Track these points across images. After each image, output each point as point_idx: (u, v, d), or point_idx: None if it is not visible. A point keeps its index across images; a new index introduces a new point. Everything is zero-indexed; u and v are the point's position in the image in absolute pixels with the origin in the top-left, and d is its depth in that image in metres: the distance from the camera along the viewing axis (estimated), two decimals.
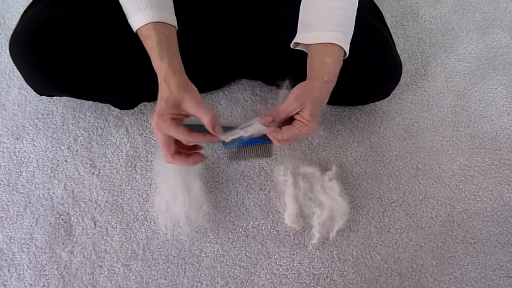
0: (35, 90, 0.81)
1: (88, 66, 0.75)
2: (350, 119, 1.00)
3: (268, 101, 0.99)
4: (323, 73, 0.66)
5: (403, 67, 0.88)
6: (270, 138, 0.69)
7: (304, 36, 0.71)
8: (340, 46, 0.66)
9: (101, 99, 0.90)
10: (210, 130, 0.63)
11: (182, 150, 0.68)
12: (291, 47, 0.74)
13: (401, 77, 0.88)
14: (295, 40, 0.72)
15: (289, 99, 0.65)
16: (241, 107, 0.98)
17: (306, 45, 0.71)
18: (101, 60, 0.76)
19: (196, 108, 0.62)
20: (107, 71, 0.78)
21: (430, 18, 1.16)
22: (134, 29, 0.66)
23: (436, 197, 0.93)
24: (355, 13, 0.71)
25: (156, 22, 0.64)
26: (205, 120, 0.62)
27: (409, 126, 1.00)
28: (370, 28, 0.82)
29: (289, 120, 0.67)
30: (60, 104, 0.97)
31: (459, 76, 1.07)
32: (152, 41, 0.63)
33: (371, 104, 1.01)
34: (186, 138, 0.63)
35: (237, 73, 0.97)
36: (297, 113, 0.65)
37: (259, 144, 0.95)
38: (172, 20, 0.67)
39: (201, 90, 0.96)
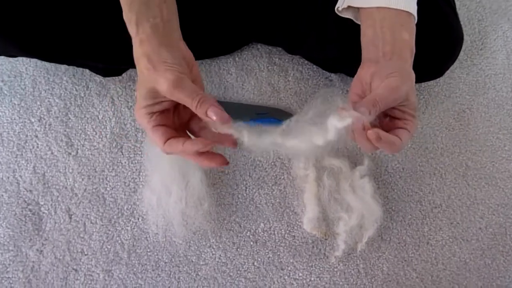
0: None
1: (56, 21, 0.59)
2: None
3: (289, 73, 0.81)
4: (406, 53, 0.51)
5: None
6: (360, 143, 0.50)
7: None
8: (414, 16, 0.52)
9: (77, 63, 0.73)
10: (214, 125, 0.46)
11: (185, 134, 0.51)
12: (337, 11, 0.56)
13: None
14: (348, 2, 0.54)
15: (391, 84, 0.48)
16: (255, 79, 0.82)
17: (362, 12, 0.54)
18: (72, 12, 0.59)
19: (177, 90, 0.44)
20: (82, 27, 0.61)
21: None
22: None
23: (487, 203, 0.80)
24: None
25: None
26: (193, 107, 0.45)
27: (459, 113, 0.84)
28: None
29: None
30: (31, 64, 0.80)
31: None
32: None
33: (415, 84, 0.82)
34: (162, 148, 0.46)
35: (252, 34, 0.80)
36: (394, 108, 0.50)
37: (273, 125, 0.78)
38: None
39: (205, 55, 0.80)
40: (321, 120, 0.46)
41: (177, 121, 0.49)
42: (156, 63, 0.44)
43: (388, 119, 0.52)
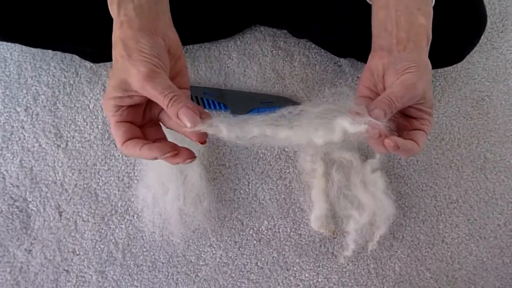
0: None
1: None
2: None
3: (295, 58, 0.75)
4: (422, 40, 0.47)
5: None
6: (374, 147, 0.46)
7: None
8: None
9: (63, 48, 0.67)
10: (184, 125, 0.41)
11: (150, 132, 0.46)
12: None
13: None
14: None
15: (407, 81, 0.44)
16: (258, 64, 0.77)
17: None
18: None
19: (149, 86, 0.39)
20: (64, 6, 0.56)
21: None
22: None
23: (506, 198, 0.76)
24: None
25: None
26: (164, 106, 0.40)
27: (478, 101, 0.79)
28: None
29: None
30: (16, 49, 0.75)
31: None
32: None
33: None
34: (119, 149, 0.42)
35: (255, 15, 0.74)
36: (411, 106, 0.46)
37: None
38: None
39: (203, 38, 0.74)
40: (328, 117, 0.41)
41: (148, 115, 0.45)
42: (132, 51, 0.39)
43: (403, 119, 0.47)
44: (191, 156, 0.42)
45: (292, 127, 0.41)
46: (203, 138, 0.42)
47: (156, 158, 0.40)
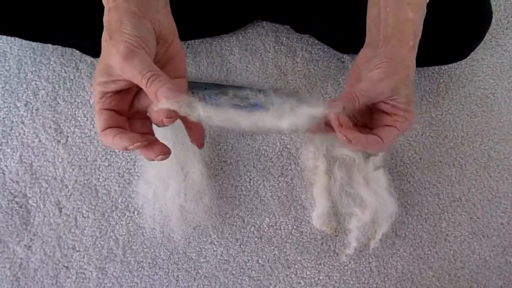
0: None
1: None
2: None
3: (297, 54, 0.74)
4: (408, 35, 0.46)
5: None
6: (341, 140, 0.46)
7: None
8: None
9: (61, 42, 0.65)
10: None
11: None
12: None
13: None
14: None
15: (374, 77, 0.45)
16: (260, 60, 0.75)
17: None
18: None
19: (127, 65, 0.37)
20: (62, 1, 0.54)
21: None
22: None
23: (510, 196, 0.75)
24: None
25: None
26: (142, 85, 0.38)
27: (482, 99, 0.77)
28: None
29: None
30: (16, 43, 0.73)
31: None
32: None
33: (435, 66, 0.76)
34: (103, 140, 0.40)
35: (257, 11, 0.73)
36: (383, 102, 0.46)
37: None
38: None
39: (205, 33, 0.73)
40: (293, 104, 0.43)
41: (137, 106, 0.43)
42: (114, 32, 0.38)
43: (378, 115, 0.48)
44: (165, 151, 0.40)
45: (260, 113, 0.42)
46: (171, 115, 0.38)
47: (126, 148, 0.38)
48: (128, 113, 0.43)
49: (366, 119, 0.51)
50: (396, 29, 0.46)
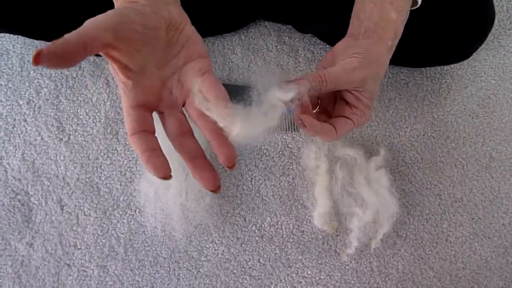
0: None
1: None
2: (408, 85, 0.76)
3: (299, 53, 0.74)
4: (388, 35, 0.47)
5: None
6: (297, 123, 0.45)
7: None
8: None
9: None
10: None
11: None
12: None
13: None
14: None
15: (348, 64, 0.45)
16: (262, 59, 0.75)
17: None
18: None
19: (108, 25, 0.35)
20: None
21: None
22: None
23: (511, 197, 0.74)
24: None
25: None
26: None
27: (484, 99, 0.77)
28: None
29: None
30: (19, 42, 0.73)
31: None
32: None
33: (437, 66, 0.75)
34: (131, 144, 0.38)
35: (259, 10, 0.72)
36: (348, 91, 0.46)
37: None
38: None
39: (207, 32, 0.73)
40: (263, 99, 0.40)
41: (168, 99, 0.41)
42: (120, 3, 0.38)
43: (340, 103, 0.48)
44: (166, 172, 0.36)
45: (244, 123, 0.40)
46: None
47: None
48: (158, 106, 0.40)
49: (329, 104, 0.50)
50: (378, 26, 0.47)
